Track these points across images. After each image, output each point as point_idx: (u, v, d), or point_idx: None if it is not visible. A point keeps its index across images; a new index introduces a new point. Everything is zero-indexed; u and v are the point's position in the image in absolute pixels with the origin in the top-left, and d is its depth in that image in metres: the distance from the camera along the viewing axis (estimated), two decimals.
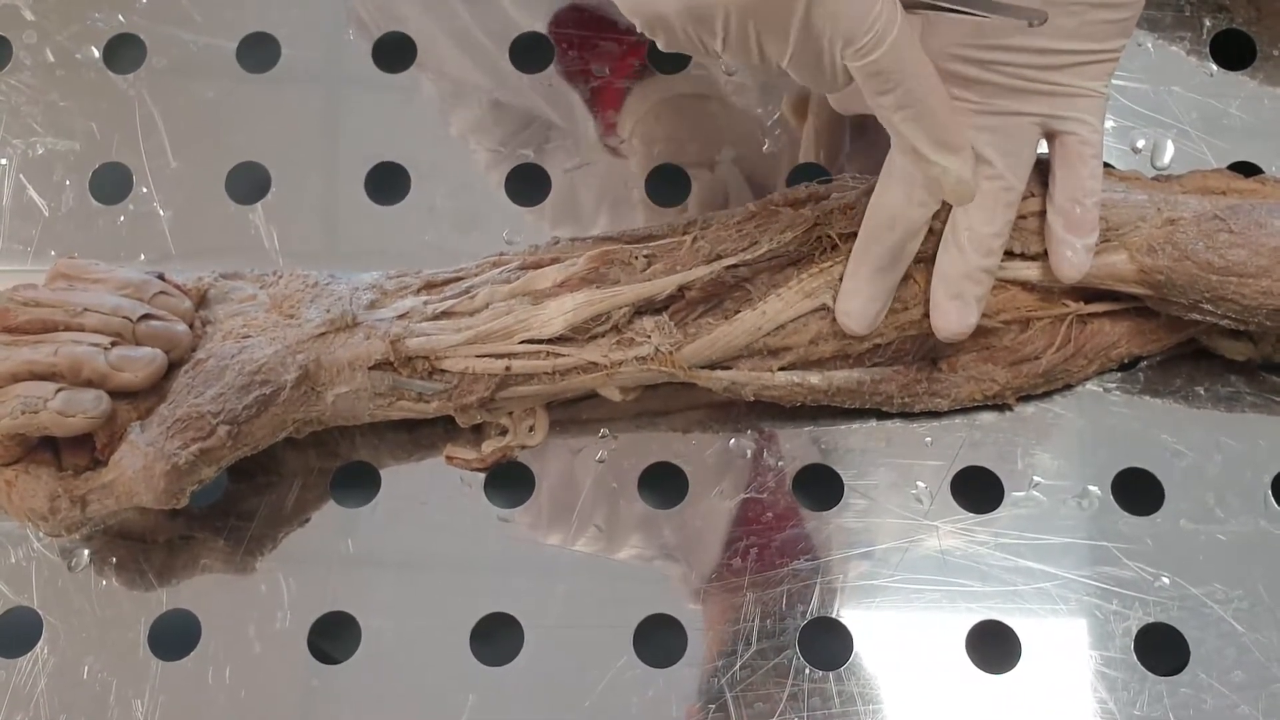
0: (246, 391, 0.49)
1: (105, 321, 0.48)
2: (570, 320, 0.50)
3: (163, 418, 0.48)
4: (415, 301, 0.51)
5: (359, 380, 0.50)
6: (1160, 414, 0.54)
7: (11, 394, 0.46)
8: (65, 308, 0.48)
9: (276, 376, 0.49)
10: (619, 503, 0.53)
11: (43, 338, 0.47)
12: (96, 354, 0.47)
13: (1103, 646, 0.50)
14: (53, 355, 0.46)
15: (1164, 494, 0.52)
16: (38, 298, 0.48)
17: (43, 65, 0.62)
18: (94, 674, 0.50)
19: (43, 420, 0.46)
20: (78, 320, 0.48)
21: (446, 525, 0.53)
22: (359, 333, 0.50)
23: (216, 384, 0.48)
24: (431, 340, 0.50)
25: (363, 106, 0.60)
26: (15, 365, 0.46)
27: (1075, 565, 0.51)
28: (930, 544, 0.52)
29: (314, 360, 0.50)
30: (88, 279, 0.49)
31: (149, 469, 0.47)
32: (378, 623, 0.51)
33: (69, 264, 0.50)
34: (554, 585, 0.51)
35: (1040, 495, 0.52)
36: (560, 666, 0.50)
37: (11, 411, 0.46)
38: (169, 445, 0.47)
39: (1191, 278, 0.49)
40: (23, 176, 0.60)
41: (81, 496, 0.48)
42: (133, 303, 0.49)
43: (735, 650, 0.50)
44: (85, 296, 0.48)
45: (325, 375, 0.50)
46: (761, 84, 0.60)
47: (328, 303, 0.51)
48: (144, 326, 0.48)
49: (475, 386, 0.51)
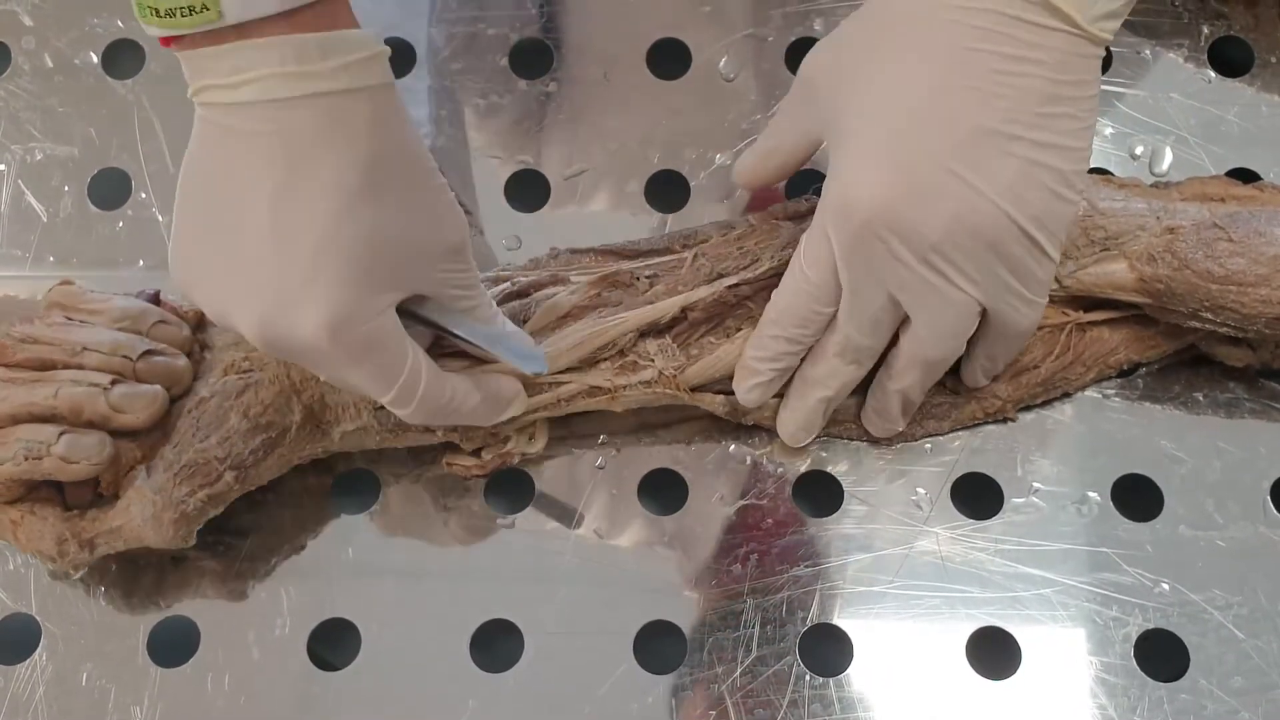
0: (252, 436, 0.48)
1: (105, 361, 0.47)
2: (578, 355, 0.50)
3: (168, 462, 0.48)
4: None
5: (365, 418, 0.50)
6: (1159, 420, 0.54)
7: (13, 436, 0.46)
8: (64, 346, 0.47)
9: (281, 418, 0.49)
10: (619, 509, 0.53)
11: (42, 377, 0.47)
12: (97, 395, 0.46)
13: (1102, 653, 0.50)
14: (52, 398, 0.46)
15: (1163, 500, 0.52)
16: (35, 334, 0.47)
17: (41, 71, 0.62)
18: (93, 681, 0.50)
19: (46, 467, 0.46)
20: (77, 359, 0.47)
21: (446, 531, 0.53)
22: None
23: (221, 427, 0.48)
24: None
25: None
26: (15, 407, 0.46)
27: (1075, 571, 0.51)
28: (930, 550, 0.52)
29: (318, 400, 0.49)
30: (85, 310, 0.49)
31: (158, 517, 0.47)
32: (377, 629, 0.51)
33: (64, 293, 0.50)
34: (554, 591, 0.51)
35: (1040, 501, 0.52)
36: (560, 673, 0.50)
37: (14, 456, 0.45)
38: (176, 492, 0.47)
39: (1191, 286, 0.49)
40: (21, 182, 0.60)
41: (89, 540, 0.48)
42: (132, 338, 0.48)
43: (735, 657, 0.50)
44: (84, 334, 0.48)
45: (330, 414, 0.50)
46: (763, 86, 0.60)
47: None
48: (144, 363, 0.48)
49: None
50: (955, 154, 0.43)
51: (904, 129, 0.43)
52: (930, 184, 0.43)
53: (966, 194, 0.43)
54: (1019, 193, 0.43)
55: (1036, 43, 0.42)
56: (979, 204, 0.43)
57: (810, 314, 0.48)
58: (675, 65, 0.60)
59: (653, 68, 0.60)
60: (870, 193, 0.43)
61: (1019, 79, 0.42)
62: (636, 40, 0.61)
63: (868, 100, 0.44)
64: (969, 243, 0.44)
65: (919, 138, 0.43)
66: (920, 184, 0.43)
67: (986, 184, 0.43)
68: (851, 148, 0.44)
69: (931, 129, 0.43)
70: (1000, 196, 0.43)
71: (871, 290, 0.46)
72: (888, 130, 0.43)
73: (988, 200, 0.43)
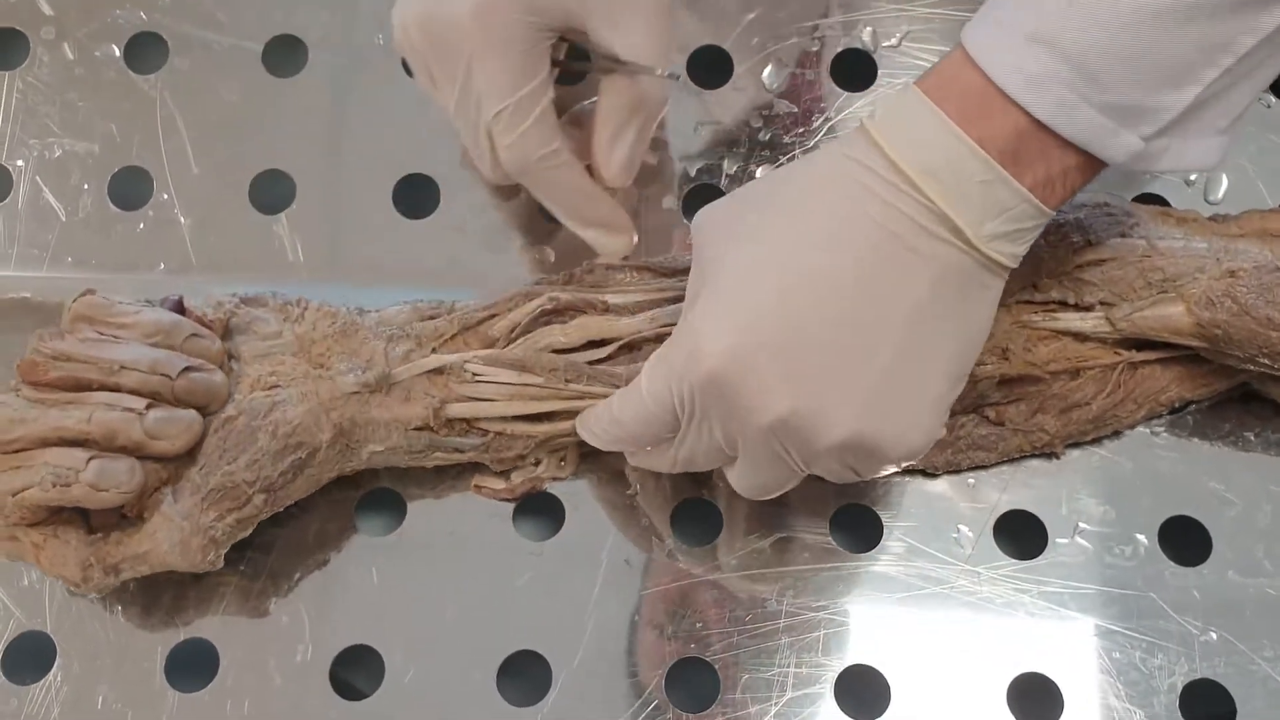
0: (282, 456, 0.47)
1: (144, 380, 0.45)
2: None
3: (195, 486, 0.46)
4: (454, 358, 0.49)
5: (395, 439, 0.48)
6: (1209, 460, 0.52)
7: (40, 460, 0.44)
8: (100, 364, 0.45)
9: (311, 438, 0.47)
10: (651, 539, 0.51)
11: (75, 398, 0.45)
12: (133, 421, 0.44)
13: (1147, 702, 0.48)
14: (86, 423, 0.44)
15: (1212, 544, 0.51)
16: (69, 352, 0.45)
17: (61, 63, 0.60)
18: (109, 705, 0.49)
19: (74, 494, 0.44)
20: (114, 379, 0.45)
21: (472, 558, 0.51)
22: (396, 393, 0.48)
23: (249, 449, 0.46)
24: (474, 407, 0.48)
25: (391, 115, 0.58)
26: (45, 430, 0.44)
27: (1120, 616, 0.50)
28: (971, 590, 0.50)
29: (349, 419, 0.48)
30: (114, 324, 0.47)
31: (185, 543, 0.46)
32: (401, 658, 0.50)
33: (90, 305, 0.47)
34: (583, 622, 0.50)
35: (1085, 542, 0.51)
36: (589, 709, 0.49)
37: (41, 482, 0.44)
38: (204, 518, 0.46)
39: (1250, 333, 0.48)
40: (39, 179, 0.58)
41: (114, 565, 0.46)
42: (170, 355, 0.46)
43: (770, 695, 0.49)
44: (120, 351, 0.46)
45: (360, 434, 0.48)
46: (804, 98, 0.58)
47: (361, 356, 0.48)
48: (184, 380, 0.46)
49: (513, 444, 0.49)
50: (805, 342, 0.41)
51: (766, 302, 0.41)
52: (773, 369, 0.41)
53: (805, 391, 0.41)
54: (867, 403, 0.41)
55: (919, 247, 0.41)
56: (821, 407, 0.41)
57: (650, 437, 0.46)
58: (714, 74, 0.58)
59: (692, 75, 0.58)
60: (715, 350, 0.41)
61: (894, 277, 0.41)
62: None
63: (741, 254, 0.42)
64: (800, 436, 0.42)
65: (778, 313, 0.41)
66: (763, 366, 0.41)
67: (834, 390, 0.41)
68: (712, 296, 0.42)
69: (791, 307, 0.41)
70: (843, 402, 0.41)
71: (709, 435, 0.44)
72: (750, 297, 0.41)
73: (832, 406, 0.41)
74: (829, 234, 0.41)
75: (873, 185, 0.41)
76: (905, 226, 0.40)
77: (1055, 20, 0.39)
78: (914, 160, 0.40)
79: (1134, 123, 0.39)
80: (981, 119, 0.40)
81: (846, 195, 0.41)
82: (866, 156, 0.41)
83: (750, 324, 0.41)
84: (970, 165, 0.40)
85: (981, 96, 0.40)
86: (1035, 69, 0.39)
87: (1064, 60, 0.39)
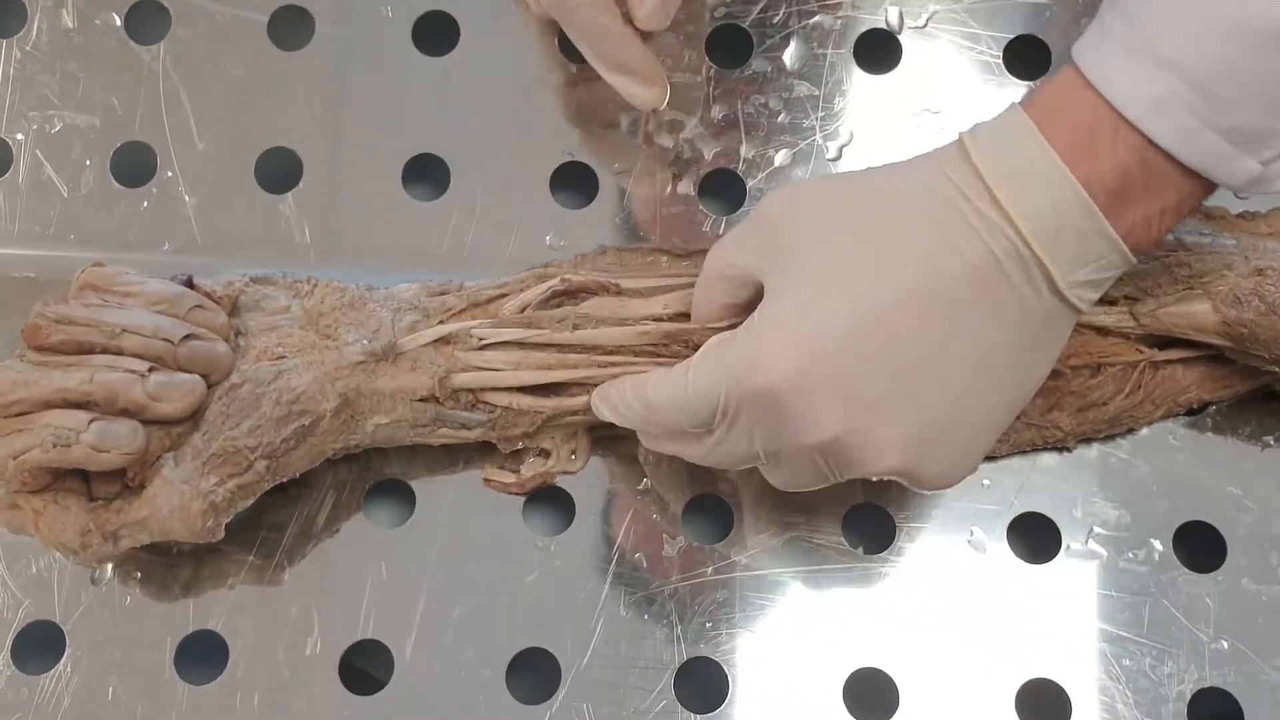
0: (285, 423, 0.46)
1: (146, 344, 0.45)
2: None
3: (197, 450, 0.46)
4: (459, 326, 0.48)
5: (400, 411, 0.48)
6: (1227, 463, 0.52)
7: (41, 422, 0.44)
8: (102, 328, 0.45)
9: (315, 406, 0.47)
10: (662, 536, 0.51)
11: (76, 360, 0.45)
12: (134, 382, 0.44)
13: (1155, 710, 0.48)
14: (88, 383, 0.44)
15: (1226, 550, 0.50)
16: (71, 315, 0.45)
17: (59, 31, 0.58)
18: (119, 696, 0.49)
19: (75, 455, 0.43)
20: (115, 342, 0.45)
21: (483, 551, 0.51)
22: (403, 363, 0.48)
23: (253, 414, 0.46)
24: (479, 376, 0.47)
25: (400, 93, 0.57)
26: (47, 392, 0.44)
27: (1131, 623, 0.49)
28: (983, 593, 0.50)
29: (354, 389, 0.47)
30: (119, 292, 0.46)
31: (185, 508, 0.45)
32: (410, 652, 0.50)
33: (97, 274, 0.47)
34: (593, 620, 0.50)
35: (1098, 547, 0.51)
36: (598, 707, 0.49)
37: (42, 443, 0.43)
38: (205, 482, 0.45)
39: (1277, 333, 0.47)
40: (39, 153, 0.56)
41: (114, 531, 0.46)
42: (173, 322, 0.46)
43: (779, 695, 0.49)
44: (123, 315, 0.45)
45: (365, 404, 0.48)
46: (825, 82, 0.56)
47: (368, 326, 0.48)
48: (185, 348, 0.46)
49: (520, 420, 0.48)
50: (870, 374, 0.40)
51: (840, 327, 0.40)
52: (833, 396, 0.40)
53: (859, 420, 0.40)
54: (918, 441, 0.41)
55: (1006, 292, 0.39)
56: (872, 438, 0.40)
57: (679, 427, 0.45)
58: (734, 54, 0.57)
59: (711, 56, 0.57)
60: (779, 368, 0.40)
61: (975, 323, 0.40)
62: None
63: (823, 265, 0.41)
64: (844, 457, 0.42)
65: (851, 341, 0.40)
66: (823, 391, 0.40)
67: (888, 424, 0.40)
68: (780, 309, 0.41)
69: (866, 338, 0.40)
70: (895, 437, 0.40)
71: (746, 442, 0.43)
72: (825, 318, 0.40)
73: (883, 439, 0.40)
74: (919, 270, 0.39)
75: (970, 218, 0.39)
76: (996, 269, 0.39)
77: (1178, 42, 0.37)
78: (1017, 201, 0.39)
79: (1254, 147, 0.38)
80: (1092, 156, 0.39)
81: (942, 227, 0.40)
82: (967, 184, 0.40)
83: (820, 349, 0.40)
84: (1074, 214, 0.39)
85: (1093, 126, 0.39)
86: (1159, 91, 0.38)
87: (1187, 83, 0.37)
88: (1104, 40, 0.39)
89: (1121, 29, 0.39)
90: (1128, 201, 0.39)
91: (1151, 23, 0.38)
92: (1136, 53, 0.38)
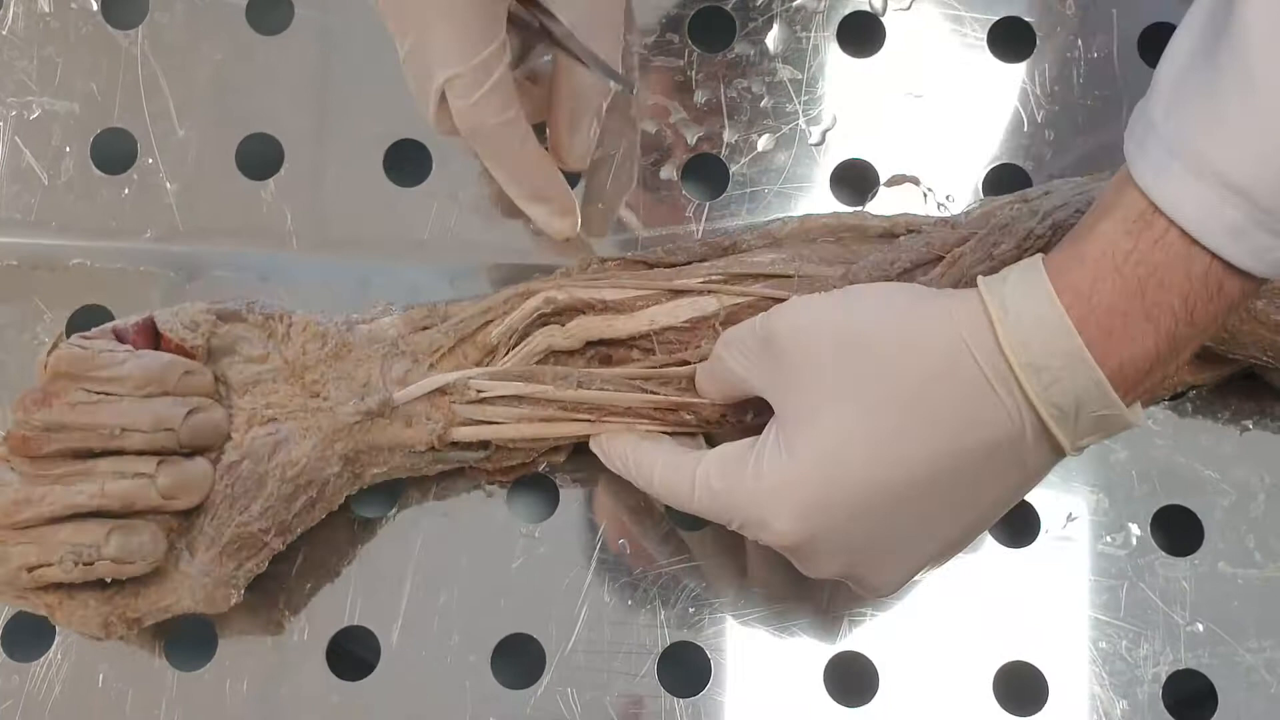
0: (293, 499, 0.46)
1: (149, 441, 0.43)
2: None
3: (210, 539, 0.45)
4: (455, 376, 0.47)
5: (399, 460, 0.48)
6: (1205, 448, 0.52)
7: (56, 540, 0.42)
8: (99, 431, 0.43)
9: (319, 474, 0.46)
10: (645, 521, 0.51)
11: (79, 470, 0.43)
12: (147, 486, 0.43)
13: (1131, 692, 0.49)
14: (100, 495, 0.43)
15: (1204, 534, 0.51)
16: (63, 421, 0.43)
17: (36, 15, 0.57)
18: (110, 683, 0.50)
19: (99, 571, 0.43)
20: (116, 443, 0.43)
21: (468, 538, 0.51)
22: (398, 418, 0.47)
23: (259, 496, 0.45)
24: (481, 430, 0.48)
25: (381, 78, 0.56)
26: (57, 510, 0.42)
27: (1108, 606, 0.50)
28: (960, 578, 0.51)
29: (352, 449, 0.47)
30: (100, 377, 0.44)
31: (210, 596, 0.45)
32: (396, 638, 0.50)
33: (70, 360, 0.44)
34: (578, 606, 0.50)
35: (1076, 531, 0.51)
36: (581, 691, 0.49)
37: (62, 563, 0.42)
38: (224, 570, 0.45)
39: (1258, 338, 0.47)
40: (19, 140, 0.56)
41: (136, 619, 0.45)
42: (170, 404, 0.44)
43: (761, 680, 0.49)
44: (118, 413, 0.43)
45: (365, 459, 0.48)
46: (808, 65, 0.56)
47: (357, 380, 0.47)
48: (187, 428, 0.44)
49: (515, 455, 0.49)
50: (873, 530, 0.41)
51: (848, 485, 0.40)
52: (835, 546, 0.41)
53: (856, 564, 0.42)
54: (908, 570, 0.43)
55: (1015, 461, 0.40)
56: (866, 575, 0.43)
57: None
58: (716, 37, 0.56)
59: (693, 38, 0.56)
60: (787, 532, 0.41)
61: (980, 486, 0.40)
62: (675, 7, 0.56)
63: (832, 430, 0.40)
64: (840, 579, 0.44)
65: (858, 500, 0.40)
66: (826, 544, 0.41)
67: (884, 568, 0.42)
68: (795, 463, 0.40)
69: (873, 499, 0.40)
70: (890, 574, 0.43)
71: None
72: (836, 489, 0.40)
73: (878, 576, 0.43)
74: (945, 449, 0.39)
75: (990, 397, 0.39)
76: (1011, 441, 0.39)
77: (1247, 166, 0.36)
78: (1046, 393, 0.38)
79: None
80: (1125, 343, 0.38)
81: (961, 400, 0.39)
82: (990, 361, 0.39)
83: (832, 523, 0.40)
84: (1096, 401, 0.38)
85: (1126, 310, 0.38)
86: (1234, 217, 0.36)
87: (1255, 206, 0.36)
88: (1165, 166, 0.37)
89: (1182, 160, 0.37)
90: (1154, 373, 0.39)
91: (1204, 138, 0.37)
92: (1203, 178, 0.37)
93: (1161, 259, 0.38)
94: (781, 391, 0.42)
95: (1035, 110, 0.55)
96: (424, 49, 0.45)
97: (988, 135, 0.55)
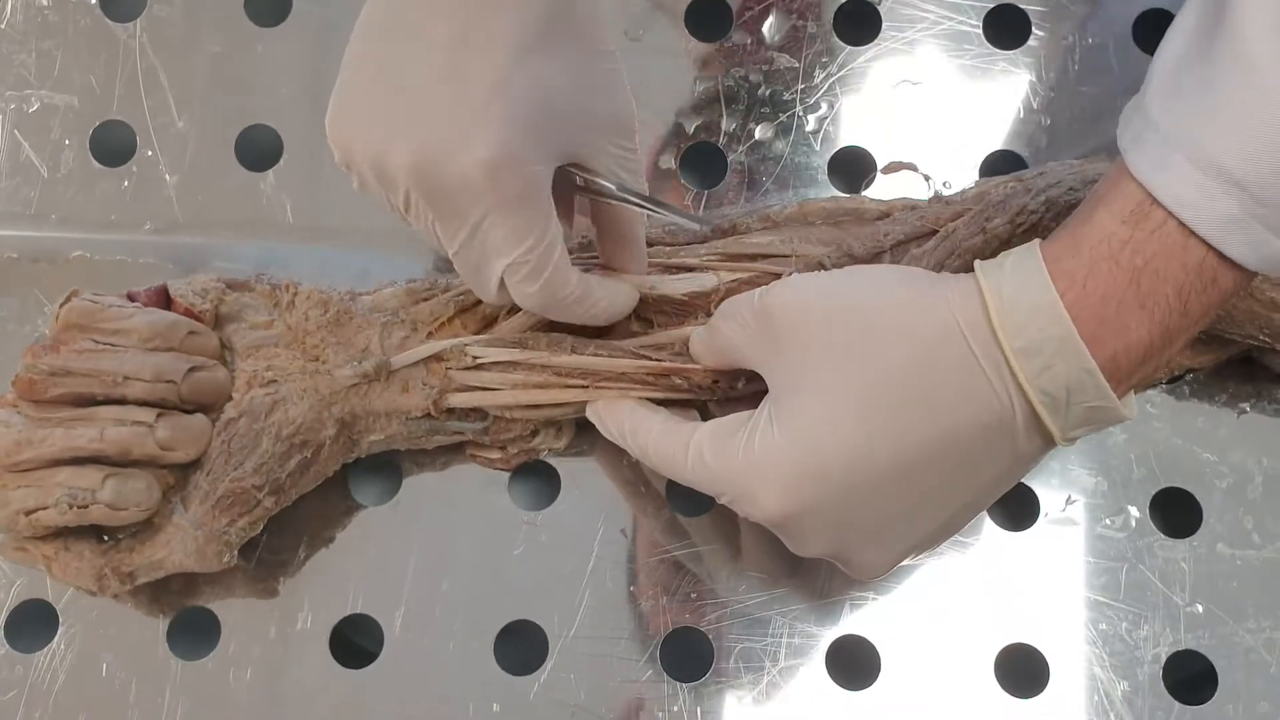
0: (288, 457, 0.46)
1: (150, 390, 0.44)
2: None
3: (204, 493, 0.46)
4: (451, 343, 0.48)
5: (395, 427, 0.48)
6: (1203, 430, 0.52)
7: (53, 482, 0.43)
8: (102, 378, 0.44)
9: (315, 435, 0.47)
10: (647, 509, 0.52)
11: (81, 415, 0.44)
12: (145, 435, 0.44)
13: (1131, 673, 0.49)
14: (98, 440, 0.43)
15: (1202, 516, 0.51)
16: (68, 366, 0.44)
17: (34, 8, 0.57)
18: (113, 672, 0.50)
19: (93, 515, 0.43)
20: (118, 391, 0.44)
21: (469, 527, 0.51)
22: (395, 383, 0.48)
23: (254, 452, 0.46)
24: (475, 396, 0.48)
25: None
26: (56, 451, 0.43)
27: (1108, 588, 0.50)
28: (961, 562, 0.51)
29: (349, 412, 0.47)
30: (108, 330, 0.45)
31: (201, 550, 0.46)
32: (399, 626, 0.50)
33: (80, 311, 0.45)
34: (580, 592, 0.51)
35: (1076, 514, 0.51)
36: (583, 678, 0.50)
37: (58, 504, 0.43)
38: (217, 524, 0.46)
39: (1252, 314, 0.48)
40: (18, 133, 0.56)
41: (129, 573, 0.46)
42: (172, 358, 0.45)
43: (763, 665, 0.50)
44: (122, 362, 0.44)
45: (361, 424, 0.48)
46: (805, 53, 0.56)
47: (355, 345, 0.48)
48: (189, 384, 0.45)
49: (513, 426, 0.49)
50: (863, 512, 0.41)
51: (836, 464, 0.40)
52: (822, 524, 0.41)
53: (842, 542, 0.42)
54: (898, 553, 0.43)
55: (1006, 447, 0.40)
56: (851, 554, 0.43)
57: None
58: (714, 26, 0.57)
59: (690, 27, 0.57)
60: (775, 509, 0.41)
61: (970, 472, 0.41)
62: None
63: (826, 405, 0.40)
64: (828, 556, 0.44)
65: (847, 481, 0.40)
66: (813, 522, 0.41)
67: (870, 547, 0.42)
68: (787, 439, 0.40)
69: (862, 480, 0.40)
70: (877, 553, 0.43)
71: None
72: (828, 464, 0.40)
73: (864, 556, 0.43)
74: (923, 424, 0.39)
75: (981, 381, 0.39)
76: (1001, 427, 0.39)
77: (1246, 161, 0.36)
78: (1038, 379, 0.39)
79: None
80: (1119, 331, 0.38)
81: (953, 382, 0.39)
82: (983, 344, 0.39)
83: (820, 499, 0.40)
84: (1087, 391, 0.39)
85: (1121, 299, 0.38)
86: (1230, 210, 0.37)
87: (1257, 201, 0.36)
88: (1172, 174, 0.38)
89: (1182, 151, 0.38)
90: (1147, 363, 0.39)
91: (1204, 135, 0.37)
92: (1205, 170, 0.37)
93: (1158, 249, 0.38)
94: (776, 367, 0.42)
95: (1031, 97, 0.55)
96: (480, 242, 0.42)
97: (985, 122, 0.55)
